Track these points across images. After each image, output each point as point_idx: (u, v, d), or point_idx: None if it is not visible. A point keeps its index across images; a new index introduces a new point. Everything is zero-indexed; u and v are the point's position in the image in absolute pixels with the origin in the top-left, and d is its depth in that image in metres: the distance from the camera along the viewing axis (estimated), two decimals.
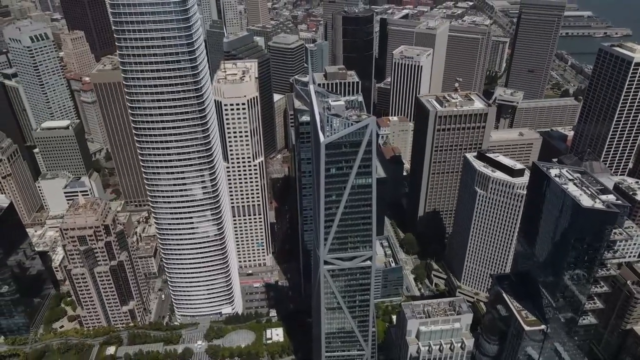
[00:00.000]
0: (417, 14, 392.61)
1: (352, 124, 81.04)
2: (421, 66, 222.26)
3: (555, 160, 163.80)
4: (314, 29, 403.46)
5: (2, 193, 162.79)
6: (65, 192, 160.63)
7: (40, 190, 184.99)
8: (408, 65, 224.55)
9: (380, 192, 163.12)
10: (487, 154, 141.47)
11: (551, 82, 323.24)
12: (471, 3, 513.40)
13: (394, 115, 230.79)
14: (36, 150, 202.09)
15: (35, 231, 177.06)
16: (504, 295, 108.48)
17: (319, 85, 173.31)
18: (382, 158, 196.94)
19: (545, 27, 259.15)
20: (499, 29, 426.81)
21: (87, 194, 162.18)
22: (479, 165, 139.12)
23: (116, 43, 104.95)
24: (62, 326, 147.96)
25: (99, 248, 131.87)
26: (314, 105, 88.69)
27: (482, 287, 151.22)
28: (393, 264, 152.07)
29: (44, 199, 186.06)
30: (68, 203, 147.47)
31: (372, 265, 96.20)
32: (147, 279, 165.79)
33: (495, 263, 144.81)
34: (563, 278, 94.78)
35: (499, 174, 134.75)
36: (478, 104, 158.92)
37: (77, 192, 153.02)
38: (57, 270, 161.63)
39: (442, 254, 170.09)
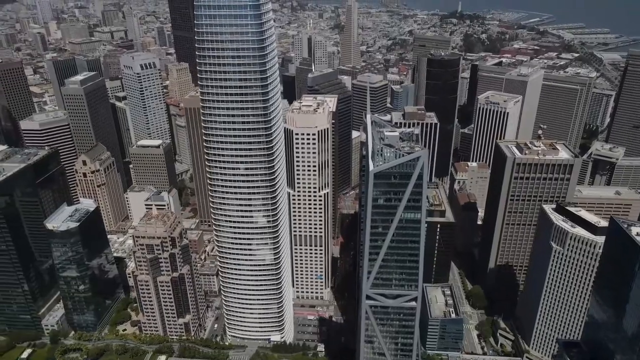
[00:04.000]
0: (514, 63, 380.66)
1: (403, 155, 79.12)
2: (507, 113, 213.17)
3: None
4: (404, 73, 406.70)
5: (94, 199, 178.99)
6: (145, 204, 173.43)
7: (127, 200, 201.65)
8: (493, 111, 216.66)
9: (447, 237, 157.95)
10: (567, 207, 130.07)
11: None
12: (576, 55, 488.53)
13: (474, 161, 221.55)
14: (132, 165, 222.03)
15: (118, 238, 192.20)
16: None
17: (396, 124, 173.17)
18: (456, 204, 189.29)
19: None
20: (606, 82, 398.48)
21: (164, 208, 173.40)
22: (556, 219, 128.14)
23: (197, 67, 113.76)
24: (125, 329, 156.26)
25: (163, 258, 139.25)
26: (369, 135, 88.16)
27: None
28: (453, 315, 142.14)
29: (129, 209, 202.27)
30: None
31: (416, 307, 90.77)
32: (208, 296, 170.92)
33: (570, 328, 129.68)
34: None
35: (579, 230, 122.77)
36: (563, 154, 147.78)
37: (154, 204, 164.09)
38: (130, 277, 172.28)
39: (511, 312, 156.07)
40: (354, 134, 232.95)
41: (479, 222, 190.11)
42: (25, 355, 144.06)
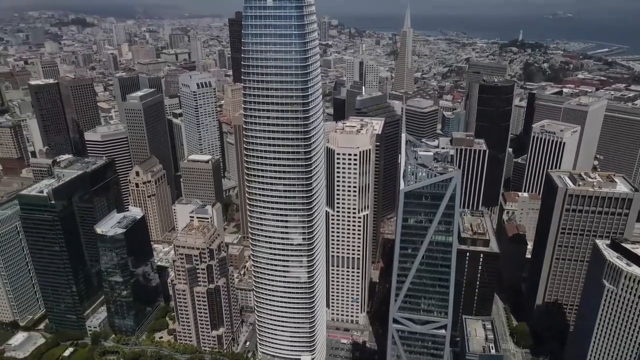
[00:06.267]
0: (577, 94, 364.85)
1: (435, 175, 76.99)
2: (564, 142, 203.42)
3: None
4: (459, 100, 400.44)
5: (143, 209, 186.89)
6: (190, 216, 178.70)
7: (174, 212, 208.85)
8: (548, 140, 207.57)
9: (491, 268, 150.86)
10: (623, 244, 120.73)
11: None
12: None
13: (527, 192, 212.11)
14: (182, 178, 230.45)
15: (163, 248, 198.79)
16: None
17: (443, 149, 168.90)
18: (504, 235, 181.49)
19: None
20: None
21: (206, 221, 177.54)
22: (610, 255, 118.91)
23: (242, 84, 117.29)
24: (162, 337, 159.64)
25: (200, 269, 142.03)
26: (402, 154, 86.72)
27: None
28: (493, 351, 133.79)
29: (176, 221, 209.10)
30: None
31: (446, 336, 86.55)
32: (244, 311, 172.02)
33: None
34: None
35: (635, 269, 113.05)
36: (622, 188, 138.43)
37: (198, 216, 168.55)
38: (170, 286, 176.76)
39: (559, 354, 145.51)
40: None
41: (528, 256, 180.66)
42: (67, 353, 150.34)
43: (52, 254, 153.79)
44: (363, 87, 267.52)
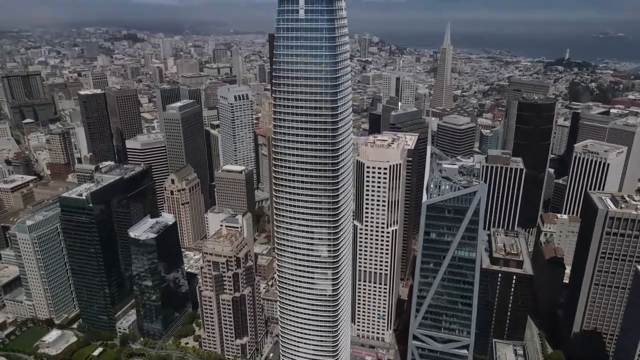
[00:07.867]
0: (626, 114, 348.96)
1: (459, 189, 74.98)
2: (607, 164, 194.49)
3: None
4: (499, 118, 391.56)
5: (174, 215, 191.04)
6: (220, 225, 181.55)
7: (207, 220, 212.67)
8: (591, 161, 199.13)
9: (524, 291, 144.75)
10: None
11: None
12: None
13: (566, 214, 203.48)
14: (216, 187, 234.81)
15: (194, 255, 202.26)
16: None
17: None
18: (541, 257, 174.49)
19: None
20: None
21: (236, 229, 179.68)
22: None
23: (273, 95, 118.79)
24: (187, 342, 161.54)
25: (227, 277, 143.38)
26: (427, 167, 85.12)
27: None
28: None
29: (208, 229, 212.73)
30: None
31: (468, 356, 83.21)
32: (269, 322, 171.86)
33: None
34: None
35: None
36: None
37: (228, 225, 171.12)
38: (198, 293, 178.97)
39: None
40: None
41: (566, 280, 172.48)
42: (96, 353, 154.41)
43: (88, 255, 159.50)
44: (399, 103, 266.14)
